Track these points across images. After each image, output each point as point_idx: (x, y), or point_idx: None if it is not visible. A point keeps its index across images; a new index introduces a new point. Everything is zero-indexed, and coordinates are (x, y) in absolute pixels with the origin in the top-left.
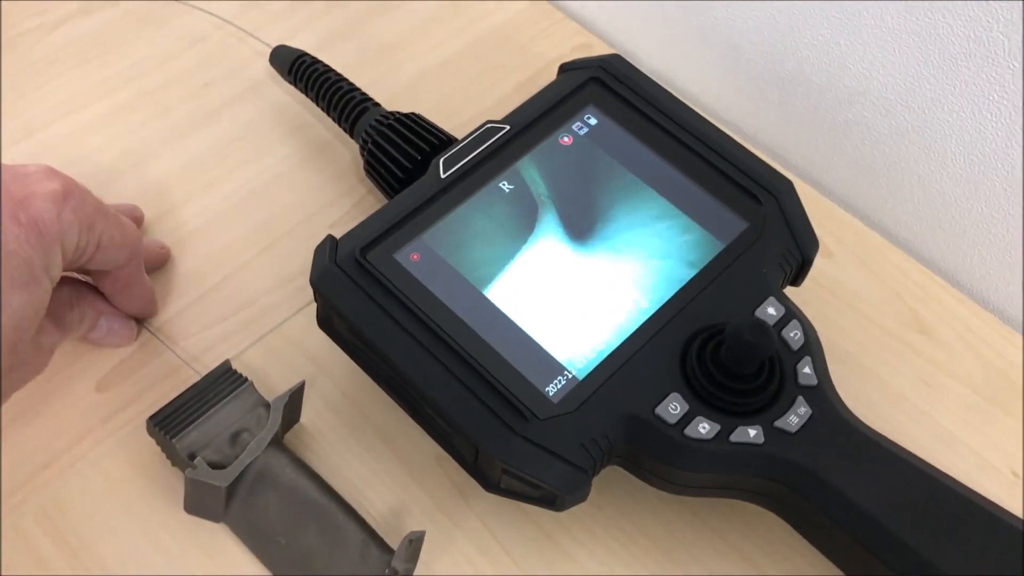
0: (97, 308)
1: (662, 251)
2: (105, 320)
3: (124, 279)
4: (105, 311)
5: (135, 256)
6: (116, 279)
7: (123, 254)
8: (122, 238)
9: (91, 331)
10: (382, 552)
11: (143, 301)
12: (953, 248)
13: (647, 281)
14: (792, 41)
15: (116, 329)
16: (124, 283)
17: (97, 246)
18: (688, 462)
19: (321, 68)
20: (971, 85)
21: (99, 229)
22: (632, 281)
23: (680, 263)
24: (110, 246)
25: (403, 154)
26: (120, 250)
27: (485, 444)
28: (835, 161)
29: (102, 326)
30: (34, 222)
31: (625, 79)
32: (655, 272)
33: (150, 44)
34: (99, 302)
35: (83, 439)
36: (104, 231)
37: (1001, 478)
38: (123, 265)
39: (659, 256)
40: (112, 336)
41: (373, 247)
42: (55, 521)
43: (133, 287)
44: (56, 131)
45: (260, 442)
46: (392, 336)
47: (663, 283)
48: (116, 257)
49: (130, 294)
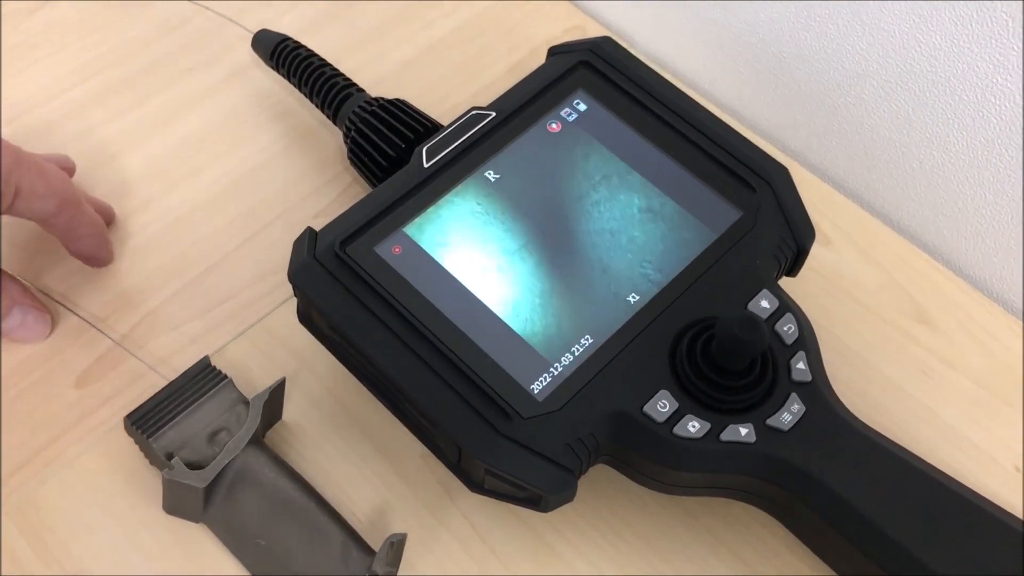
0: (12, 296)
1: (652, 242)
2: (19, 311)
3: (63, 225)
4: (21, 302)
5: (68, 203)
6: (55, 226)
7: (50, 202)
8: (46, 187)
9: (5, 319)
10: (363, 554)
11: (93, 242)
12: (955, 235)
13: (636, 273)
14: (789, 21)
15: (29, 322)
16: (64, 228)
17: (15, 194)
18: (677, 462)
19: (304, 53)
20: (974, 67)
21: (15, 177)
22: (621, 274)
23: (671, 254)
24: (32, 195)
25: (387, 142)
26: (44, 200)
27: (468, 444)
28: (834, 145)
29: (15, 316)
30: None
31: (615, 63)
32: (644, 264)
33: (130, 29)
34: (16, 291)
35: (61, 437)
36: (23, 180)
37: (1003, 473)
38: (55, 212)
39: (649, 247)
40: (24, 329)
41: (353, 240)
42: (31, 520)
43: (77, 229)
44: (37, 116)
45: (239, 441)
46: (372, 333)
47: (652, 276)
48: (43, 206)
49: (76, 237)
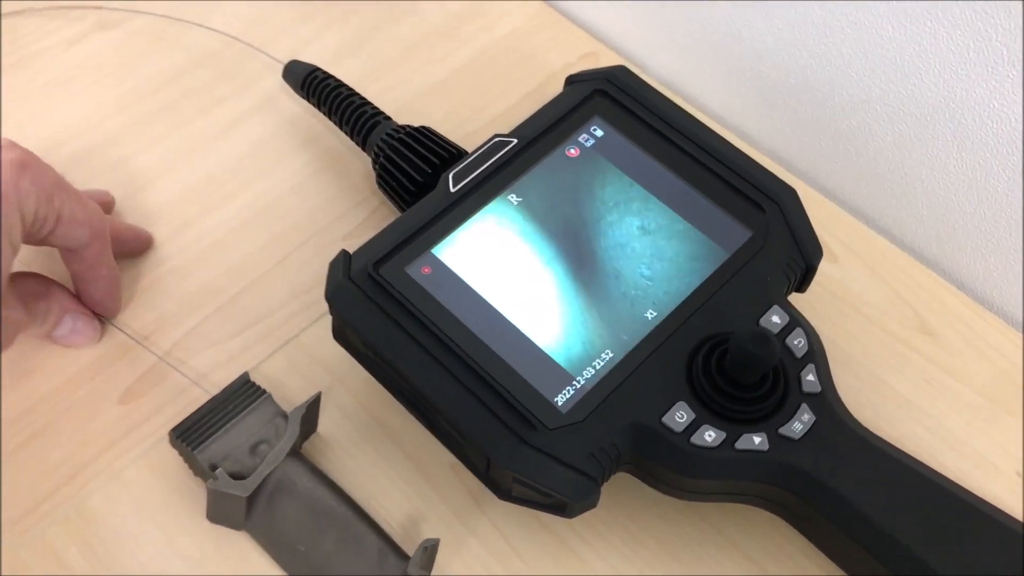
0: (63, 305)
1: (667, 261)
2: (70, 318)
3: (89, 259)
4: (72, 309)
5: (99, 237)
6: (82, 258)
7: (85, 232)
8: (84, 215)
9: (56, 327)
10: (398, 559)
11: (107, 286)
12: (957, 251)
13: (653, 291)
14: (797, 51)
15: (80, 328)
16: (89, 263)
17: (57, 219)
18: (694, 469)
19: (333, 83)
20: (971, 93)
21: (59, 202)
22: (638, 291)
23: (685, 273)
24: (71, 221)
25: (414, 168)
26: (82, 227)
27: (496, 454)
28: (840, 167)
29: (67, 323)
30: None
31: (630, 91)
32: (661, 282)
33: (164, 60)
34: (67, 300)
35: (107, 451)
36: (64, 205)
37: (1005, 479)
38: (87, 244)
39: (664, 266)
40: (75, 335)
41: (385, 261)
42: (81, 529)
43: (98, 269)
44: (76, 146)
45: (279, 452)
46: (405, 349)
47: (669, 293)
48: (79, 234)
49: (95, 277)
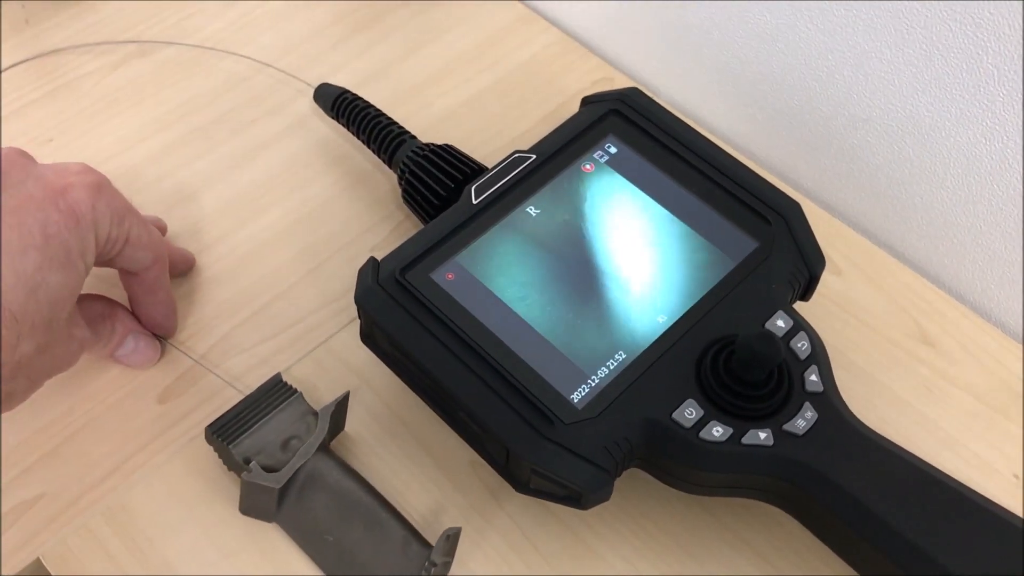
0: (127, 325)
1: (678, 269)
2: (133, 338)
3: (150, 282)
4: (135, 329)
5: (160, 260)
6: (142, 281)
7: (148, 255)
8: (148, 238)
9: (119, 346)
10: (422, 547)
11: (165, 309)
12: (956, 264)
13: (664, 296)
14: (800, 73)
15: (142, 348)
16: (149, 286)
17: (126, 240)
18: (703, 463)
19: (362, 104)
20: (966, 112)
21: (128, 224)
22: (650, 296)
23: (695, 280)
24: (137, 244)
25: (438, 182)
26: (146, 250)
27: (515, 446)
28: (843, 184)
29: (129, 343)
30: (72, 209)
31: (643, 110)
32: (671, 288)
33: (200, 85)
34: (130, 320)
35: (147, 446)
36: (132, 227)
37: (1003, 480)
38: (149, 267)
39: (675, 273)
40: (137, 355)
41: (411, 267)
42: (122, 521)
43: (158, 292)
44: (118, 164)
45: (309, 447)
46: (430, 348)
47: (679, 298)
48: (143, 257)
49: (154, 300)
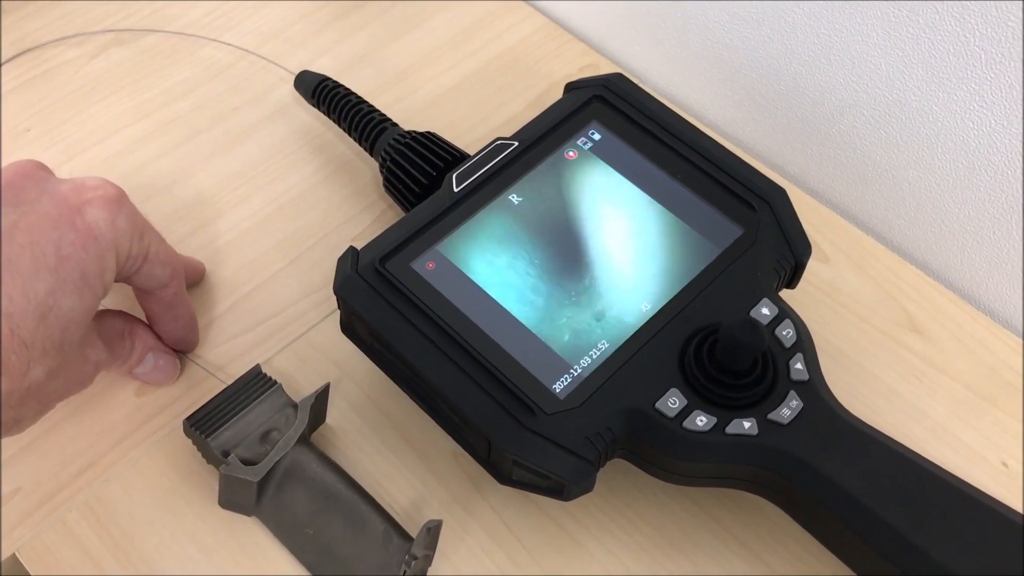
0: (147, 343)
1: (662, 256)
2: (153, 355)
3: (168, 299)
4: (154, 347)
5: (177, 275)
6: (161, 299)
7: (167, 271)
8: (167, 254)
9: (138, 364)
10: (403, 540)
11: (186, 324)
12: (943, 250)
13: (648, 284)
14: (786, 59)
15: (161, 366)
16: (168, 303)
17: (145, 257)
18: (687, 452)
19: (343, 91)
20: (952, 96)
21: (147, 240)
22: (634, 285)
23: (679, 267)
24: (156, 260)
25: (419, 170)
26: (164, 267)
27: (497, 437)
28: (830, 170)
29: (149, 361)
30: (90, 228)
31: (626, 96)
32: (655, 276)
33: (179, 73)
34: (150, 338)
35: (124, 440)
36: (152, 243)
37: (991, 468)
38: (167, 283)
39: (659, 261)
40: (156, 372)
41: (391, 257)
42: (100, 516)
43: (177, 308)
44: (96, 153)
45: (288, 440)
46: (410, 339)
47: (663, 286)
48: (161, 274)
49: (174, 316)
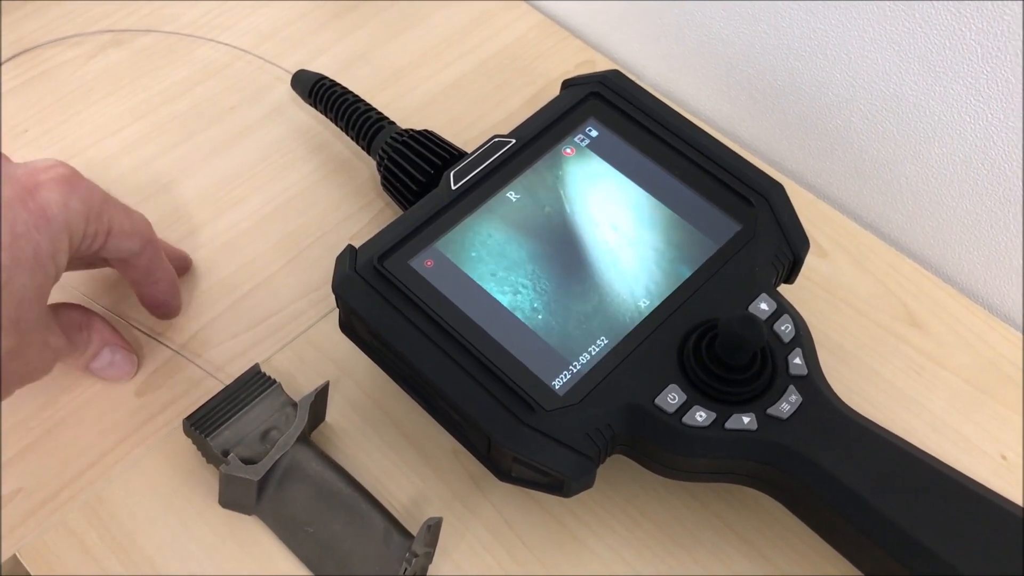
0: (104, 337)
1: (660, 252)
2: (109, 351)
3: (143, 266)
4: (111, 342)
5: (150, 243)
6: (135, 267)
7: (135, 242)
8: (132, 225)
9: (94, 359)
10: (403, 537)
11: (166, 289)
12: (942, 244)
13: (646, 281)
14: (783, 54)
15: (118, 362)
16: (144, 270)
17: (108, 232)
18: (686, 448)
19: (339, 90)
20: (949, 90)
21: (107, 216)
22: (632, 281)
23: (677, 263)
24: (120, 234)
25: (417, 168)
26: (131, 238)
27: (497, 434)
28: (827, 165)
29: (105, 356)
30: (42, 209)
31: (623, 93)
32: (654, 272)
33: (176, 73)
34: (107, 332)
35: (125, 440)
36: (113, 218)
37: (990, 461)
38: (139, 252)
39: (657, 257)
40: (112, 368)
41: (390, 255)
42: (101, 516)
43: (154, 273)
44: (94, 154)
45: (288, 438)
46: (409, 337)
47: (661, 282)
48: (130, 245)
49: (153, 280)
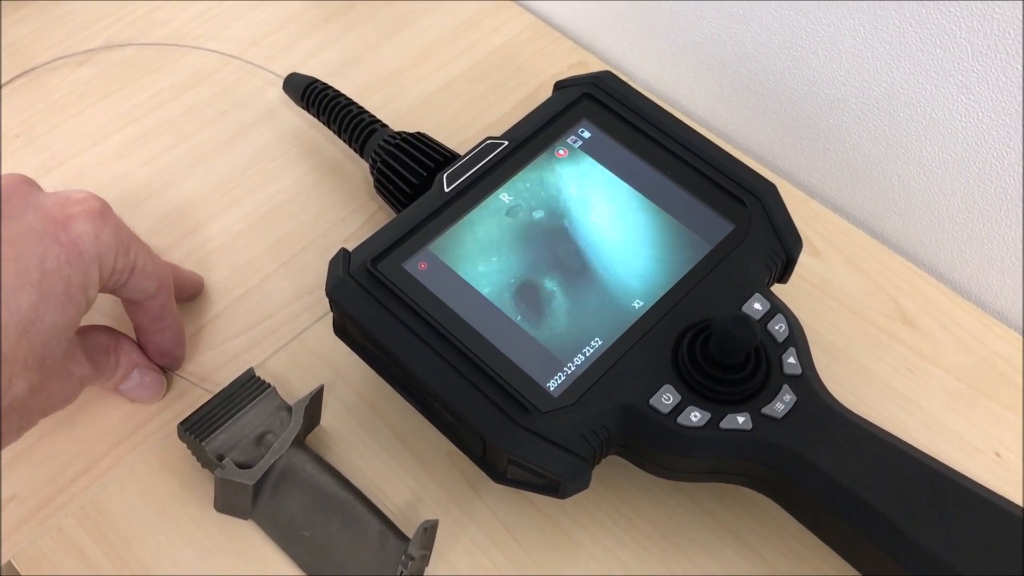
0: (132, 359)
1: (653, 253)
2: (139, 372)
3: (156, 310)
4: (140, 363)
5: (165, 287)
6: (148, 310)
7: (154, 284)
8: (153, 266)
9: (123, 380)
10: (399, 540)
11: (173, 337)
12: (934, 242)
13: (640, 282)
14: (774, 54)
15: (148, 383)
16: (156, 314)
17: (132, 270)
18: (681, 448)
19: (332, 93)
20: (940, 88)
21: (133, 253)
22: (625, 282)
23: (670, 264)
24: (143, 273)
25: (410, 171)
26: (152, 279)
27: (492, 436)
28: (820, 164)
29: (134, 377)
30: (74, 243)
31: (616, 94)
32: (647, 273)
33: (167, 78)
34: (136, 354)
35: (119, 445)
36: (138, 256)
37: (984, 459)
38: (154, 295)
39: (651, 258)
40: (142, 389)
41: (383, 258)
42: (96, 521)
43: (165, 319)
44: (85, 159)
45: (283, 442)
46: (403, 340)
47: (654, 284)
48: (148, 286)
49: (161, 328)
